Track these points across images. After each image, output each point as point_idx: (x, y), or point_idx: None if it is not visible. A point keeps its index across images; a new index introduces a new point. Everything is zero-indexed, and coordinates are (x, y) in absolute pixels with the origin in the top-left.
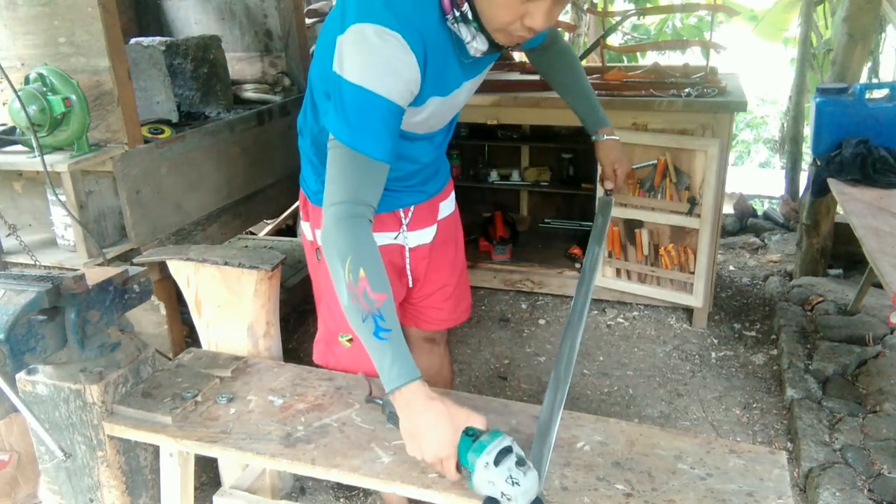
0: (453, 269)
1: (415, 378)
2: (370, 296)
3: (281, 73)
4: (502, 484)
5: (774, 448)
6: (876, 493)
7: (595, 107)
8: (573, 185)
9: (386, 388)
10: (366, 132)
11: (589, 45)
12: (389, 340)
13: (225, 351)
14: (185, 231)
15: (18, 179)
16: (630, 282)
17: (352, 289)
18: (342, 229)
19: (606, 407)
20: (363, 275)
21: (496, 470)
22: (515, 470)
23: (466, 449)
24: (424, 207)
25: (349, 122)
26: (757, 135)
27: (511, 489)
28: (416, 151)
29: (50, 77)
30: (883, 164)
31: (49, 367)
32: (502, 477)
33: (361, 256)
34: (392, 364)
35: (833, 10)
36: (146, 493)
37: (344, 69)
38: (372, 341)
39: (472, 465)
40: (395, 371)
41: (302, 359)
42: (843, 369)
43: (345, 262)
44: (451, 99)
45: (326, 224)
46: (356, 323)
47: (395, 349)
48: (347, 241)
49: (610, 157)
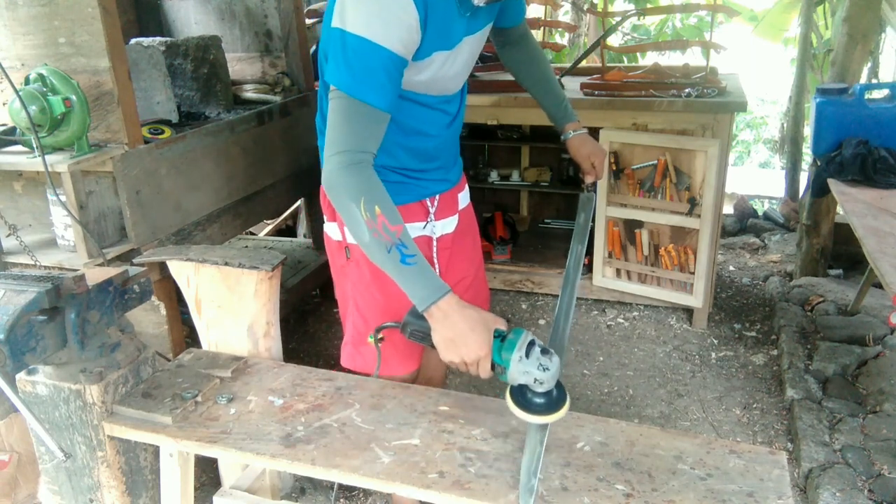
0: (472, 262)
1: (447, 291)
2: (390, 228)
3: (281, 73)
4: (535, 371)
5: (774, 448)
6: (876, 494)
7: (563, 102)
8: (573, 185)
9: (420, 307)
10: (368, 81)
11: (589, 46)
12: (416, 264)
13: (225, 351)
14: (185, 231)
15: (18, 179)
16: (630, 282)
17: (371, 225)
18: (350, 173)
19: (606, 407)
20: (379, 211)
21: (528, 361)
22: (543, 358)
23: (498, 348)
24: (447, 197)
25: (352, 72)
26: (757, 135)
27: (542, 374)
28: (429, 123)
29: (50, 77)
30: (883, 165)
31: (49, 367)
32: (534, 366)
33: (374, 195)
34: (424, 284)
35: (833, 10)
36: (146, 494)
37: (346, 22)
38: (400, 269)
39: (507, 361)
40: (428, 289)
41: (302, 359)
42: (844, 370)
43: (359, 203)
44: (455, 54)
45: (331, 171)
46: (381, 257)
47: (422, 270)
48: (358, 183)
49: (584, 152)
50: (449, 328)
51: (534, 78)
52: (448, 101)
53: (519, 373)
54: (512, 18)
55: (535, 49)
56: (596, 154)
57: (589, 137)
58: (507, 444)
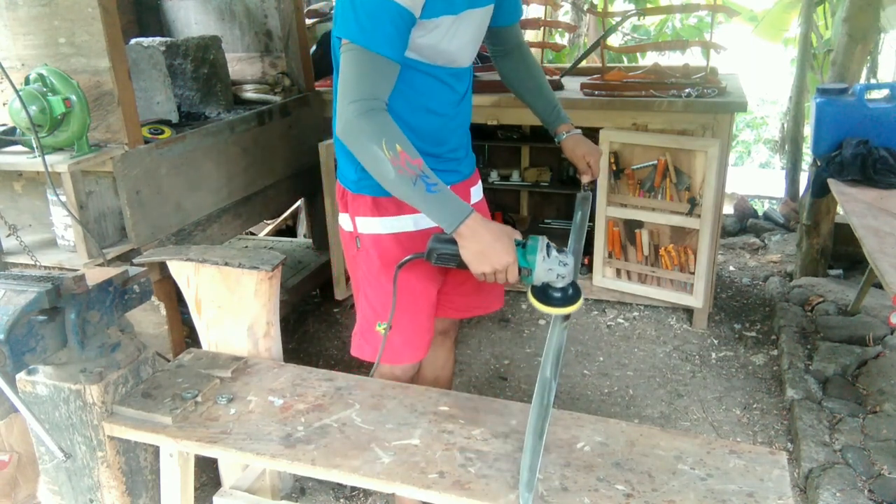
0: None
1: (471, 210)
2: (411, 163)
3: (281, 73)
4: (557, 267)
5: (775, 448)
6: (876, 494)
7: (556, 107)
8: (573, 185)
9: (448, 229)
10: (377, 32)
11: (589, 46)
12: (441, 191)
13: (225, 351)
14: (185, 231)
15: (18, 179)
16: (630, 282)
17: (395, 162)
18: (368, 118)
19: (606, 407)
20: (400, 149)
21: (549, 259)
22: (561, 256)
23: (522, 254)
24: (459, 189)
25: (361, 25)
26: (757, 135)
27: (563, 269)
28: (436, 98)
29: (50, 77)
30: (883, 165)
31: (49, 367)
32: (555, 263)
33: (393, 136)
34: (450, 207)
35: (833, 10)
36: (146, 494)
37: None
38: (427, 198)
39: (533, 263)
40: (454, 211)
41: (302, 359)
42: (844, 370)
43: (381, 144)
44: (460, 21)
45: (349, 119)
46: (408, 191)
47: (446, 196)
48: (376, 126)
49: (579, 152)
50: (477, 242)
51: (529, 87)
52: (454, 74)
53: (543, 271)
54: (508, 16)
55: (531, 58)
56: (591, 154)
57: (583, 137)
58: (507, 444)
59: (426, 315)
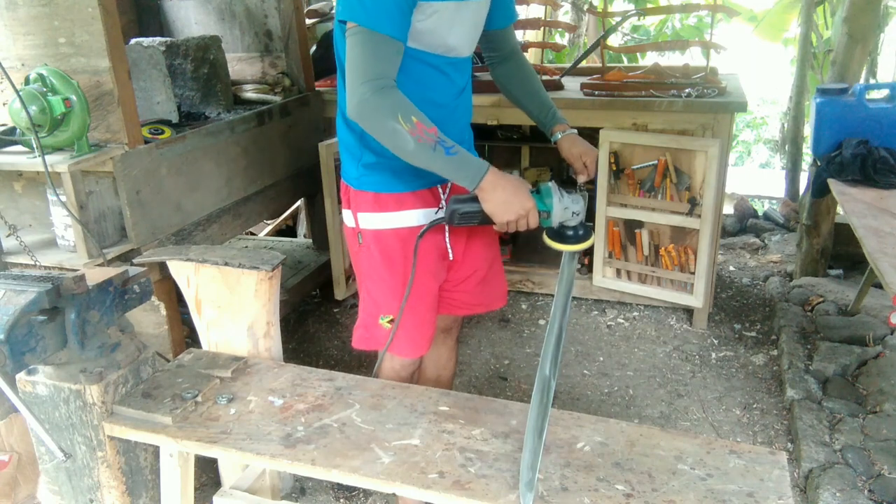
0: (485, 257)
1: (489, 166)
2: (428, 131)
3: (281, 73)
4: (572, 205)
5: (775, 448)
6: (876, 494)
7: (551, 109)
8: (573, 185)
9: (471, 186)
10: (381, 12)
11: (589, 46)
12: (459, 153)
13: (225, 351)
14: (185, 231)
15: (18, 179)
16: (630, 282)
17: (413, 132)
18: (382, 96)
19: (606, 407)
20: (416, 120)
21: (564, 200)
22: (573, 195)
23: (539, 199)
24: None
25: (365, 7)
26: (757, 135)
27: (577, 206)
28: (435, 88)
29: (50, 77)
30: (883, 165)
31: (49, 367)
32: (570, 201)
33: (408, 109)
34: (470, 166)
35: (833, 10)
36: (146, 494)
37: None
38: (447, 161)
39: (550, 205)
40: (475, 169)
41: (302, 359)
42: (844, 370)
43: (397, 118)
44: (458, 9)
45: (363, 98)
46: (428, 157)
47: (464, 157)
48: (390, 102)
49: (575, 152)
50: (499, 194)
51: (525, 92)
52: (453, 64)
53: (561, 210)
54: (501, 19)
55: (527, 64)
56: (587, 153)
57: (578, 137)
58: (507, 444)
59: (428, 308)
